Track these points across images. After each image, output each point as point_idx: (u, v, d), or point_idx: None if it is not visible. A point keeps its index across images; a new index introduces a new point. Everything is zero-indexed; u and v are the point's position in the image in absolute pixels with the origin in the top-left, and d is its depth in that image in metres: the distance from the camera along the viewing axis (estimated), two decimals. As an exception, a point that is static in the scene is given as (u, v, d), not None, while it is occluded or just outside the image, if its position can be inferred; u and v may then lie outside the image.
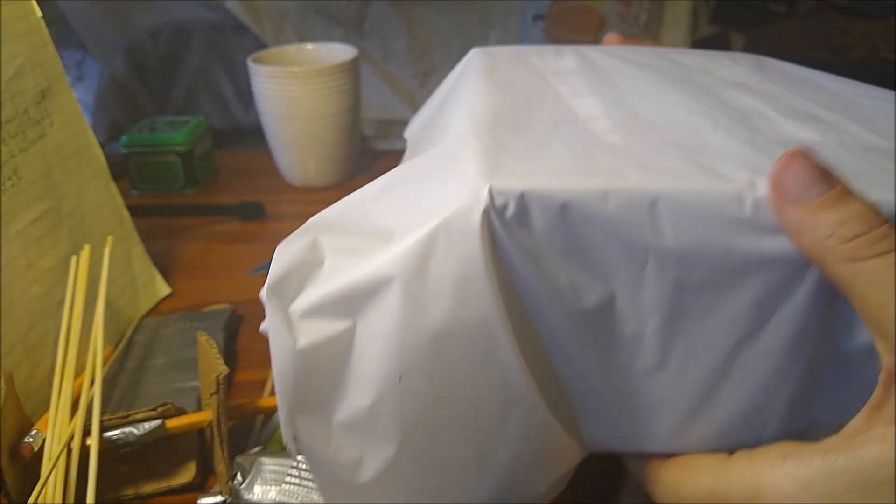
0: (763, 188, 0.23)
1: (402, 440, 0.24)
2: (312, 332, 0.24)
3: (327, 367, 0.25)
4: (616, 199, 0.23)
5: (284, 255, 0.26)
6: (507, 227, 0.23)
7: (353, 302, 0.24)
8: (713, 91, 0.34)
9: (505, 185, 0.22)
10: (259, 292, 0.25)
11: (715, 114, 0.30)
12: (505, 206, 0.22)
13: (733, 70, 0.39)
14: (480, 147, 0.25)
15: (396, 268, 0.23)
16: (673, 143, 0.26)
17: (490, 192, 0.22)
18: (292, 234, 0.27)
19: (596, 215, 0.23)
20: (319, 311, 0.25)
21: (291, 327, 0.24)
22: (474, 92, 0.33)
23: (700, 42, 1.53)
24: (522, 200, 0.22)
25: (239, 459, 0.34)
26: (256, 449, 0.36)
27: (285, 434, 0.25)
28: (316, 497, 0.32)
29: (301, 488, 0.33)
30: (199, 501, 0.34)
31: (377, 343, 0.24)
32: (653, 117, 0.29)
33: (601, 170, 0.24)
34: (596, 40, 0.47)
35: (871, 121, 0.31)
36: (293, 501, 0.32)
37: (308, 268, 0.26)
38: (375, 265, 0.24)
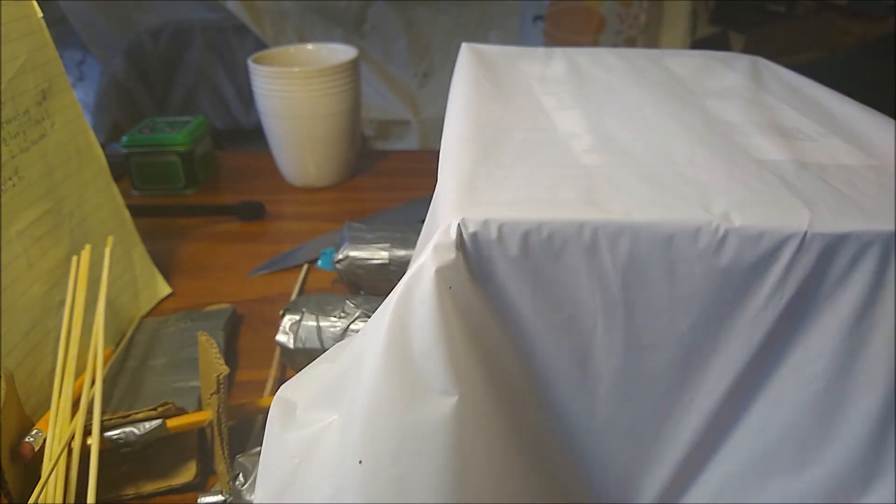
0: (732, 221, 0.23)
1: None
2: (304, 425, 0.26)
3: (307, 457, 0.25)
4: (586, 229, 0.23)
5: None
6: (481, 255, 0.23)
7: (336, 391, 0.25)
8: (699, 102, 0.34)
9: (474, 215, 0.23)
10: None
11: (694, 135, 0.30)
12: (476, 235, 0.23)
13: (726, 77, 0.40)
14: (455, 183, 0.26)
15: (362, 347, 0.24)
16: (649, 169, 0.27)
17: (459, 226, 0.23)
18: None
19: (565, 244, 0.23)
20: (314, 406, 0.26)
21: (288, 419, 0.26)
22: (459, 103, 0.33)
23: (699, 42, 1.53)
24: (489, 229, 0.23)
25: (240, 459, 0.34)
26: (258, 449, 0.36)
27: None
28: None
29: None
30: (199, 501, 0.34)
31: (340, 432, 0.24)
32: (633, 138, 0.30)
33: (572, 199, 0.24)
34: (595, 41, 0.47)
35: (858, 135, 0.31)
36: None
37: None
38: (350, 350, 0.26)
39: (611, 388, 0.25)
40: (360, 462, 0.23)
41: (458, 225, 0.23)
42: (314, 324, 0.43)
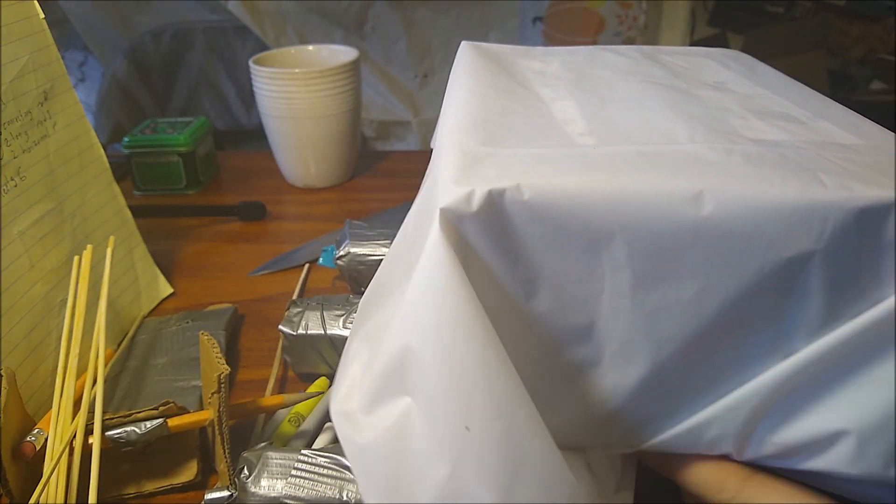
0: (716, 195, 0.23)
1: (500, 487, 0.23)
2: (377, 424, 0.25)
3: (401, 450, 0.24)
4: (580, 196, 0.24)
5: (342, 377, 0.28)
6: (481, 223, 0.24)
7: (394, 380, 0.25)
8: (694, 92, 0.35)
9: (475, 185, 0.24)
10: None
11: (693, 119, 0.30)
12: (478, 204, 0.24)
13: (718, 72, 0.40)
14: (456, 156, 0.26)
15: (409, 335, 0.24)
16: (645, 148, 0.27)
17: (462, 195, 0.24)
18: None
19: (574, 211, 0.24)
20: (375, 402, 0.26)
21: (357, 428, 0.25)
22: (459, 93, 0.34)
23: (698, 43, 1.53)
24: (491, 197, 0.24)
25: (245, 454, 0.34)
26: (262, 444, 0.36)
27: None
28: (322, 488, 0.33)
29: (308, 480, 0.33)
30: (205, 497, 0.34)
31: (430, 404, 0.24)
32: (629, 122, 0.30)
33: (580, 170, 0.25)
34: (595, 42, 0.48)
35: (846, 121, 0.31)
36: (300, 494, 0.33)
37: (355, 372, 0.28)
38: (393, 341, 0.25)
39: (617, 351, 0.26)
40: (467, 428, 0.23)
41: (468, 192, 0.24)
42: (318, 312, 0.44)
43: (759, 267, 0.24)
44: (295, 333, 0.43)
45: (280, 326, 0.43)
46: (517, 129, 0.29)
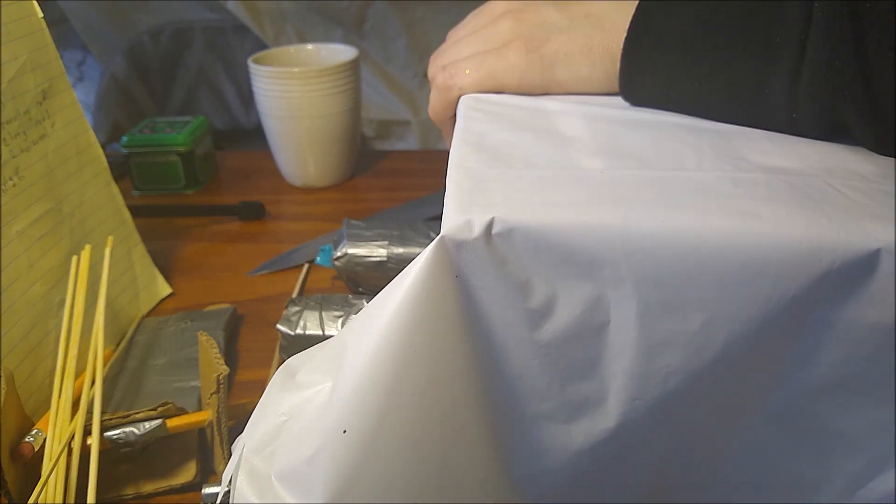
0: (723, 229, 0.23)
1: (340, 491, 0.24)
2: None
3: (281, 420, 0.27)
4: (586, 226, 0.23)
5: None
6: (482, 252, 0.24)
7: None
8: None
9: (476, 214, 0.24)
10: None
11: (700, 138, 0.30)
12: (479, 233, 0.23)
13: None
14: (469, 183, 0.26)
15: (346, 334, 0.26)
16: (653, 174, 0.27)
17: (462, 223, 0.23)
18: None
19: (580, 244, 0.23)
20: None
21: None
22: (463, 115, 0.34)
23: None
24: (493, 226, 0.23)
25: None
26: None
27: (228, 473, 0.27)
28: None
29: None
30: (203, 491, 0.34)
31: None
32: (638, 142, 0.30)
33: (585, 201, 0.25)
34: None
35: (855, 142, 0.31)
36: None
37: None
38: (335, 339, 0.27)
39: (621, 386, 0.25)
40: (345, 431, 0.23)
41: (471, 220, 0.23)
42: (317, 312, 0.43)
43: (765, 301, 0.23)
44: (293, 333, 0.43)
45: (278, 326, 0.43)
46: (524, 147, 0.29)
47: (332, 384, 0.25)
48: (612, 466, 0.27)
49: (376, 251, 0.49)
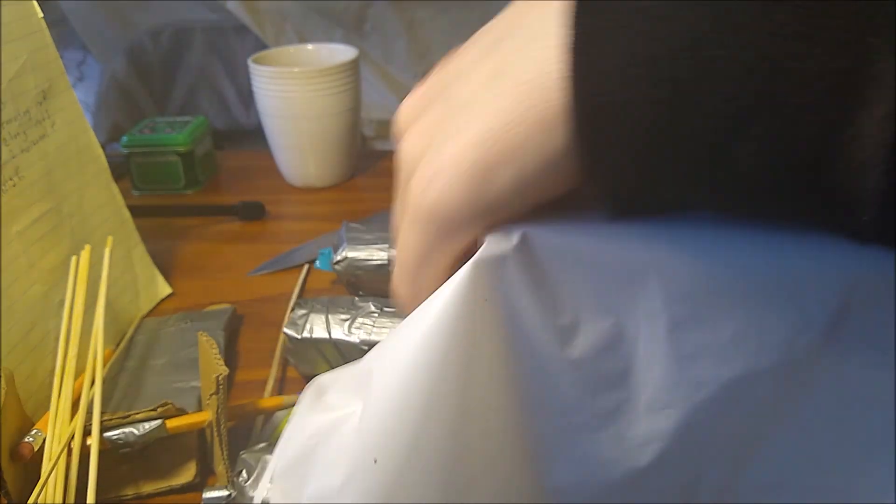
0: (750, 238, 0.23)
1: None
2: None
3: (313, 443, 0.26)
4: (611, 246, 0.23)
5: None
6: (518, 266, 0.23)
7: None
8: None
9: (507, 237, 0.23)
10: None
11: None
12: (515, 245, 0.23)
13: None
14: None
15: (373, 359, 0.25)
16: None
17: (494, 246, 0.23)
18: None
19: (591, 260, 0.23)
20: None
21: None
22: None
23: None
24: (527, 238, 0.23)
25: (244, 456, 0.34)
26: (261, 445, 0.36)
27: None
28: None
29: None
30: (204, 495, 0.34)
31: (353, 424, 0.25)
32: None
33: (602, 217, 0.24)
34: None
35: None
36: None
37: None
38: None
39: (651, 396, 0.25)
40: (375, 461, 0.23)
41: (505, 241, 0.23)
42: (323, 315, 0.43)
43: (796, 310, 0.23)
44: (299, 337, 0.43)
45: (284, 329, 0.43)
46: None
47: (361, 408, 0.25)
48: (644, 474, 0.27)
49: (377, 254, 0.48)
